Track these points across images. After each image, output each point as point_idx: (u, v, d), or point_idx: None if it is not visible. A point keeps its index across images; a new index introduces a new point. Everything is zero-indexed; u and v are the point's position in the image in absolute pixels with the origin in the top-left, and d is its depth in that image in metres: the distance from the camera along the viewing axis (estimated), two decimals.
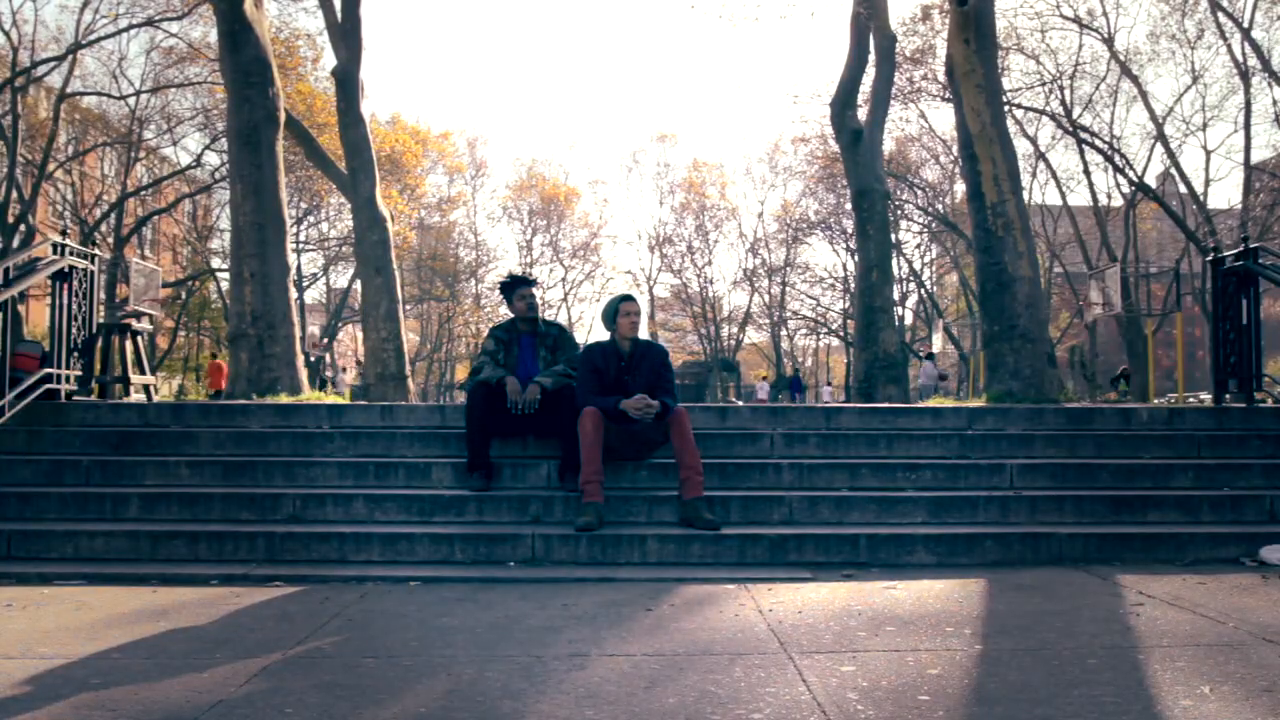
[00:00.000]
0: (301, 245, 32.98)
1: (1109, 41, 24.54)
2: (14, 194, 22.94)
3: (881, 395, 13.90)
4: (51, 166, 24.77)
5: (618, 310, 5.34)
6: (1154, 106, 25.77)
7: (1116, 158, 25.12)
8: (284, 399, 8.59)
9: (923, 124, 30.60)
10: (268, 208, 9.98)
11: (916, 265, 37.92)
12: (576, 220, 45.77)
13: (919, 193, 33.38)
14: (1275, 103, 23.84)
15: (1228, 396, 7.08)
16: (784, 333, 44.95)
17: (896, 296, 31.45)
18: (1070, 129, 25.23)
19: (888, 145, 25.12)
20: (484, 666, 2.94)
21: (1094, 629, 3.41)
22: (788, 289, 42.23)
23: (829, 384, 41.70)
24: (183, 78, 26.14)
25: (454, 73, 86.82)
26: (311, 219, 33.66)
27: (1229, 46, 23.36)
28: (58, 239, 6.70)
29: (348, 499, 5.13)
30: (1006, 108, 15.96)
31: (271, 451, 5.85)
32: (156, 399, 8.12)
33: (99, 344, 7.37)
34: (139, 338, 8.01)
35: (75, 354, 6.76)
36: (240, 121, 10.08)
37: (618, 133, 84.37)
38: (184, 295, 31.86)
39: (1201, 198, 24.75)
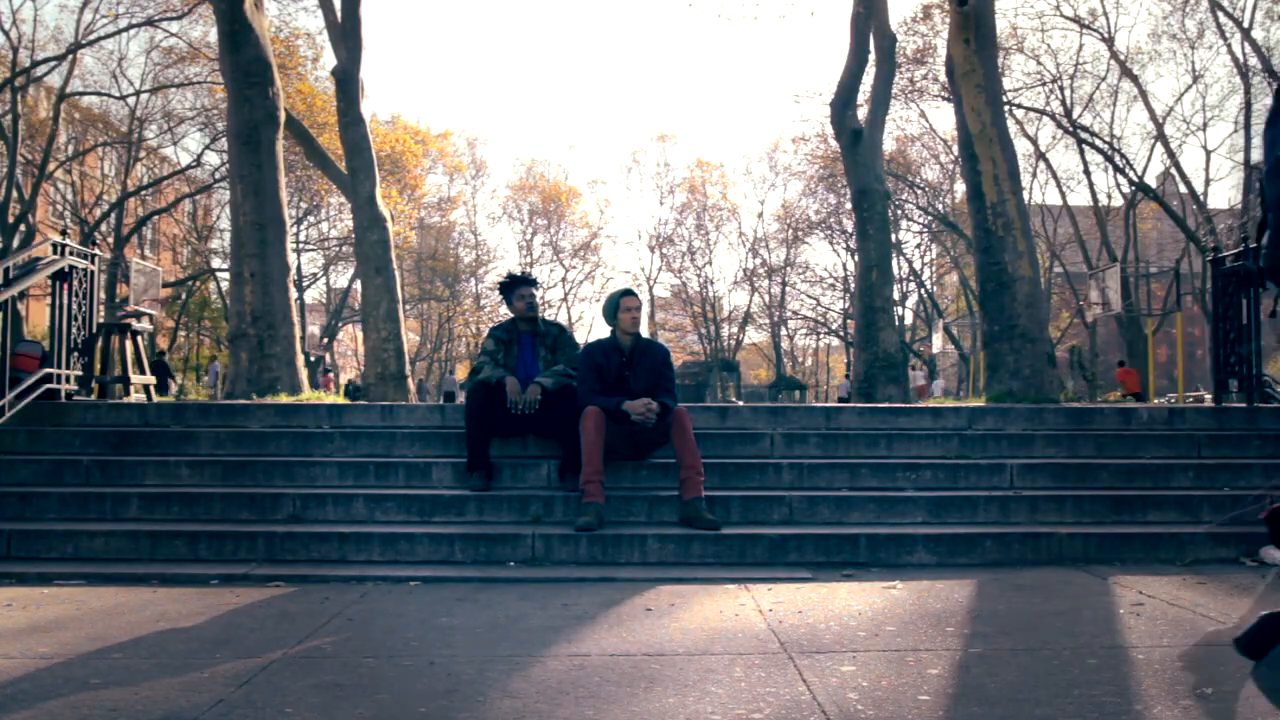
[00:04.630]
0: (301, 245, 33.00)
1: (1109, 41, 24.58)
2: (14, 194, 22.96)
3: (881, 395, 13.90)
4: (51, 166, 24.80)
5: (619, 305, 5.35)
6: (1154, 106, 25.91)
7: (1116, 158, 25.17)
8: (284, 399, 8.59)
9: (923, 124, 30.70)
10: (268, 208, 9.97)
11: (916, 265, 37.94)
12: (576, 220, 45.82)
13: (919, 193, 33.39)
14: None
15: (1228, 396, 7.07)
16: (784, 333, 44.96)
17: (896, 296, 31.44)
18: (1070, 129, 25.27)
19: (888, 145, 25.14)
20: (484, 666, 2.94)
21: (1094, 629, 3.41)
22: (788, 289, 42.27)
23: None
24: (183, 78, 26.17)
25: (454, 73, 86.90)
26: (311, 219, 33.68)
27: (1229, 46, 23.41)
28: (58, 239, 6.70)
29: (348, 499, 5.13)
30: (1006, 108, 15.97)
31: (271, 451, 5.85)
32: (156, 399, 8.12)
33: (99, 344, 7.37)
34: (139, 338, 8.01)
35: (75, 354, 6.76)
36: (240, 121, 10.08)
37: (618, 133, 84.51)
38: (184, 295, 31.87)
39: (1201, 198, 24.78)
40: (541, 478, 5.49)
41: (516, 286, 5.85)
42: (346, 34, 14.82)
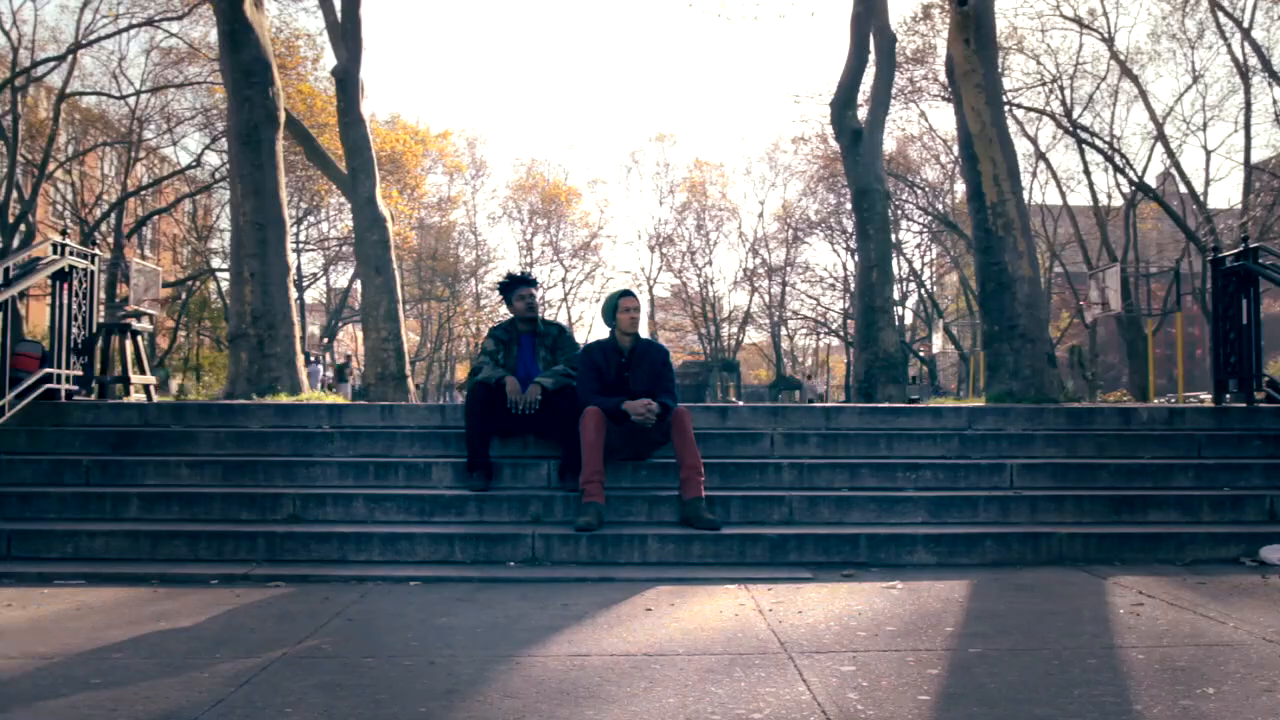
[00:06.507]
0: (301, 245, 32.96)
1: (1109, 41, 24.54)
2: (14, 194, 22.95)
3: (881, 395, 13.89)
4: (51, 166, 24.76)
5: (617, 305, 5.36)
6: (1154, 106, 25.79)
7: (1116, 158, 25.13)
8: (284, 399, 8.59)
9: (923, 124, 30.61)
10: (268, 208, 9.97)
11: (916, 265, 37.90)
12: (576, 220, 45.76)
13: (919, 193, 33.37)
14: (1275, 102, 23.84)
15: (1228, 396, 7.07)
16: (784, 333, 44.94)
17: (896, 296, 31.43)
18: (1070, 129, 25.23)
19: (888, 145, 25.10)
20: (484, 666, 2.94)
21: (1094, 629, 3.41)
22: (788, 289, 42.22)
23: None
24: (183, 78, 26.12)
25: (454, 73, 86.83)
26: (311, 219, 33.65)
27: (1229, 46, 23.35)
28: (58, 239, 6.70)
29: (348, 499, 5.13)
30: (1006, 108, 15.97)
31: (271, 451, 5.85)
32: (156, 399, 8.12)
33: (99, 344, 7.36)
34: (139, 338, 8.01)
35: (75, 354, 6.76)
36: (240, 121, 10.08)
37: (617, 133, 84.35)
38: (184, 295, 31.85)
39: (1201, 198, 24.74)
40: (541, 478, 5.49)
41: (516, 287, 5.85)
42: (346, 34, 14.81)
